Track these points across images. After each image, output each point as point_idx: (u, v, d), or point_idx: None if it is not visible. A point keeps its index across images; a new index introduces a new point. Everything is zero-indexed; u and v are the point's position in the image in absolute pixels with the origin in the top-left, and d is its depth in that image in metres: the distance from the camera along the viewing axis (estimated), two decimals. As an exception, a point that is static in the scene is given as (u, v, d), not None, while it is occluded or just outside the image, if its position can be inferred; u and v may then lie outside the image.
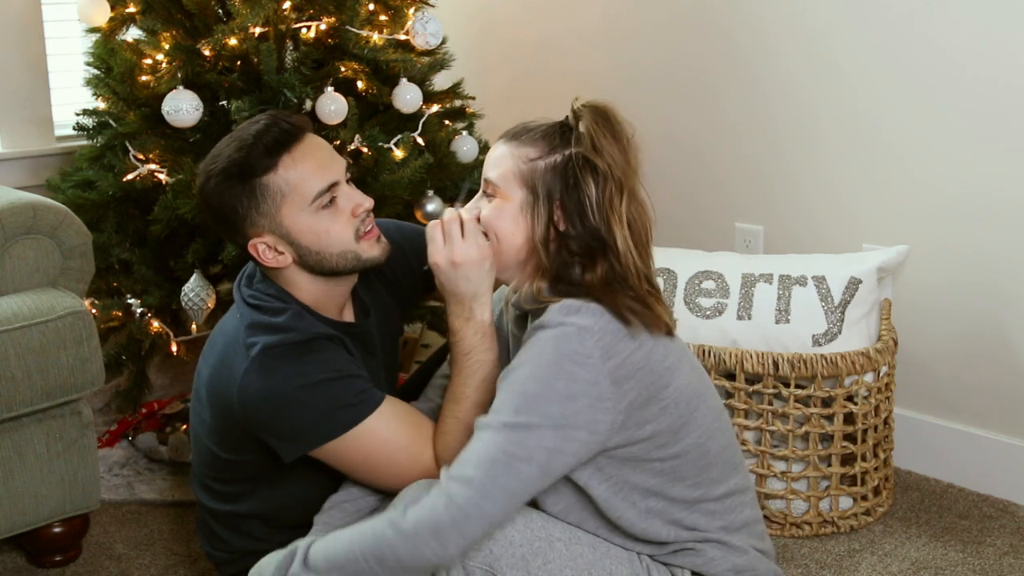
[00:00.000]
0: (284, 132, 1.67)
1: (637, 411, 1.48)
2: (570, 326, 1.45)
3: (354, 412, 1.61)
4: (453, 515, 1.40)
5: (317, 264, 1.70)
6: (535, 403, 1.43)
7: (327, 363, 1.64)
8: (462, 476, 1.42)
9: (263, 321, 1.67)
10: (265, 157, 1.65)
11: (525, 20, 3.15)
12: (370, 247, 1.73)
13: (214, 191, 1.68)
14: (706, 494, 1.57)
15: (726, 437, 1.61)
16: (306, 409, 1.61)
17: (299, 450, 1.64)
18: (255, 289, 1.75)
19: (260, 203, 1.66)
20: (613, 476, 1.52)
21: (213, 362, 1.72)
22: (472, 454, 1.44)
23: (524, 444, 1.42)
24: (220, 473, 1.79)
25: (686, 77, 2.80)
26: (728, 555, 1.58)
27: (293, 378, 1.61)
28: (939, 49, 2.34)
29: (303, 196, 1.66)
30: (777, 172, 2.67)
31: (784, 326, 2.24)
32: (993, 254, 2.34)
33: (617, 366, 1.45)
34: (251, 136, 1.66)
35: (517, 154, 1.56)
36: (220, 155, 1.68)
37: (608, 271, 1.52)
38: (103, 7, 2.39)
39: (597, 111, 1.54)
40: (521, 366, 1.47)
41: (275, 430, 1.64)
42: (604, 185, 1.51)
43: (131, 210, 2.42)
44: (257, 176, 1.65)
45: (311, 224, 1.67)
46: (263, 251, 1.69)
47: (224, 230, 1.75)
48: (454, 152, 2.54)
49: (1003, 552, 2.17)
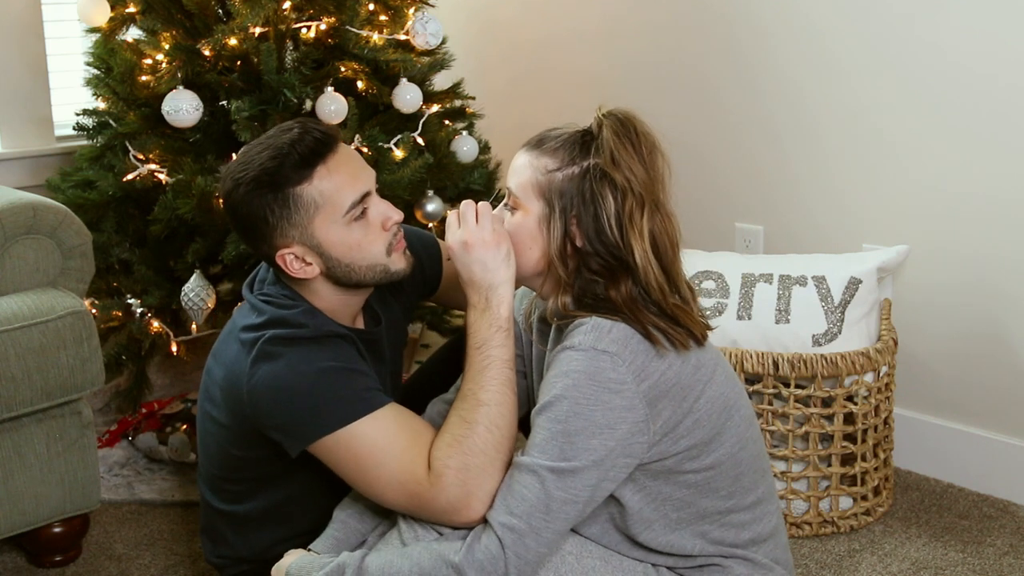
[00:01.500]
0: (319, 142, 1.63)
1: (671, 428, 1.47)
2: (602, 352, 1.43)
3: (354, 408, 1.58)
4: (513, 563, 1.42)
5: (345, 276, 1.68)
6: (577, 440, 1.42)
7: (335, 354, 1.62)
8: (514, 525, 1.42)
9: (276, 316, 1.65)
10: (301, 167, 1.61)
11: (525, 20, 3.15)
12: (399, 260, 1.71)
13: (243, 199, 1.64)
14: (737, 504, 1.55)
15: (757, 445, 1.59)
16: (309, 398, 1.58)
17: (302, 442, 1.61)
18: (266, 291, 1.73)
19: (292, 214, 1.62)
20: (647, 487, 1.51)
21: (225, 360, 1.69)
22: (520, 501, 1.43)
23: (570, 488, 1.43)
24: (232, 472, 1.78)
25: (686, 77, 2.80)
26: (754, 572, 1.57)
27: (297, 364, 1.59)
28: (939, 49, 2.34)
29: (337, 208, 1.63)
30: (777, 172, 2.67)
31: (784, 326, 2.24)
32: (993, 254, 2.34)
33: (651, 387, 1.44)
34: (286, 144, 1.62)
35: (537, 164, 1.52)
36: (251, 162, 1.64)
37: (631, 288, 1.48)
38: (103, 7, 2.39)
39: (619, 121, 1.50)
40: (557, 402, 1.43)
41: (279, 421, 1.62)
42: (623, 199, 1.46)
43: (131, 210, 2.42)
44: (291, 186, 1.61)
45: (343, 236, 1.64)
46: (291, 262, 1.66)
47: (250, 239, 1.71)
48: (454, 152, 2.54)
49: (1003, 552, 2.17)
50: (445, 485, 1.50)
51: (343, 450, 1.58)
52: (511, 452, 1.54)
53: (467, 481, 1.50)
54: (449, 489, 1.50)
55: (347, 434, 1.57)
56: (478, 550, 1.43)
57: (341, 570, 1.51)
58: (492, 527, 1.44)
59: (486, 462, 1.51)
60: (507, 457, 1.53)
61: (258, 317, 1.67)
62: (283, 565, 1.60)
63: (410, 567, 1.46)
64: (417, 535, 1.55)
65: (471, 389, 1.56)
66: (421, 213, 2.46)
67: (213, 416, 1.74)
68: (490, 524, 1.45)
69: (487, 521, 1.46)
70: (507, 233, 1.55)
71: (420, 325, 2.73)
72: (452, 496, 1.50)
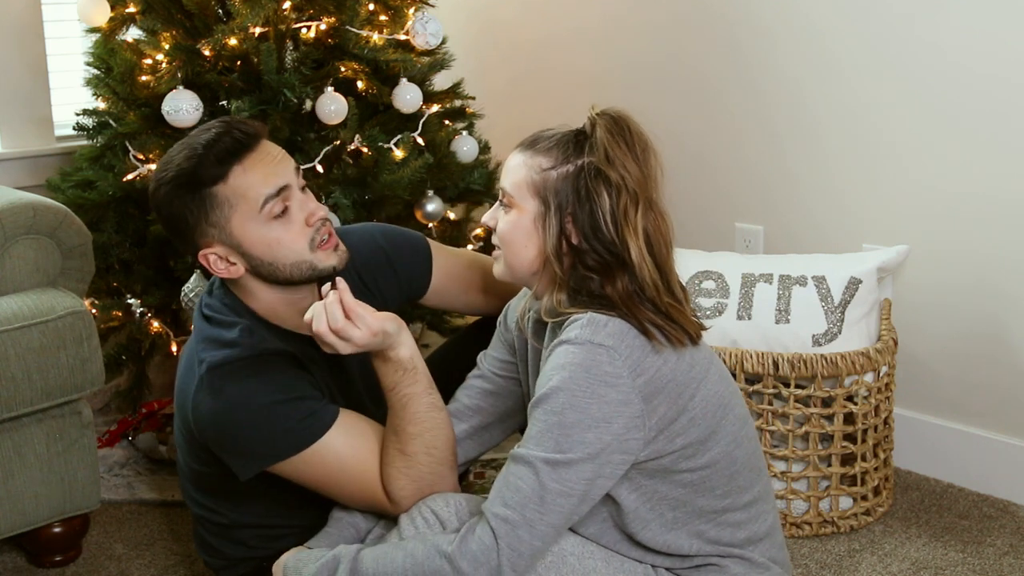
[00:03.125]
0: (236, 141, 1.61)
1: (667, 425, 1.47)
2: (598, 346, 1.43)
3: (302, 435, 1.59)
4: (506, 555, 1.42)
5: (270, 274, 1.66)
6: (572, 433, 1.42)
7: (274, 384, 1.61)
8: (508, 516, 1.43)
9: (212, 335, 1.66)
10: (215, 167, 1.60)
11: (525, 20, 3.15)
12: (327, 256, 1.67)
13: (164, 200, 1.64)
14: (733, 503, 1.56)
15: (752, 444, 1.60)
16: (254, 431, 1.59)
17: (252, 469, 1.63)
18: (214, 297, 1.72)
19: (209, 213, 1.62)
20: (643, 486, 1.51)
21: (178, 374, 1.71)
22: (515, 492, 1.44)
23: (564, 480, 1.43)
24: (196, 483, 1.79)
25: (686, 77, 2.80)
26: (751, 572, 1.57)
27: (240, 400, 1.59)
28: (939, 49, 2.34)
29: (252, 204, 1.61)
30: (777, 172, 2.67)
31: (784, 326, 2.24)
32: (993, 254, 2.34)
33: (646, 383, 1.44)
34: (201, 145, 1.61)
35: (531, 164, 1.53)
36: (171, 163, 1.64)
37: (627, 284, 1.48)
38: (103, 7, 2.40)
39: (612, 120, 1.51)
40: (554, 394, 1.44)
41: (227, 449, 1.63)
42: (617, 197, 1.47)
43: (131, 210, 2.43)
44: (206, 186, 1.61)
45: (262, 234, 1.63)
46: (214, 261, 1.66)
47: (175, 239, 1.71)
48: (454, 152, 2.54)
49: (1003, 552, 2.17)
50: (406, 506, 1.60)
51: (306, 469, 1.62)
52: (455, 454, 1.64)
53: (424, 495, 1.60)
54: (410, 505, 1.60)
55: (305, 456, 1.60)
56: (471, 541, 1.43)
57: (336, 562, 1.52)
58: (486, 518, 1.44)
59: (435, 478, 1.60)
60: (453, 464, 1.64)
61: (200, 334, 1.68)
62: (282, 562, 1.61)
63: (403, 557, 1.47)
64: (419, 532, 1.56)
65: (399, 426, 1.61)
66: (421, 213, 2.46)
67: (177, 425, 1.76)
68: (484, 515, 1.45)
69: (482, 512, 1.47)
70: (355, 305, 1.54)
71: (420, 325, 2.73)
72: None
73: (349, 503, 1.67)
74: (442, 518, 1.56)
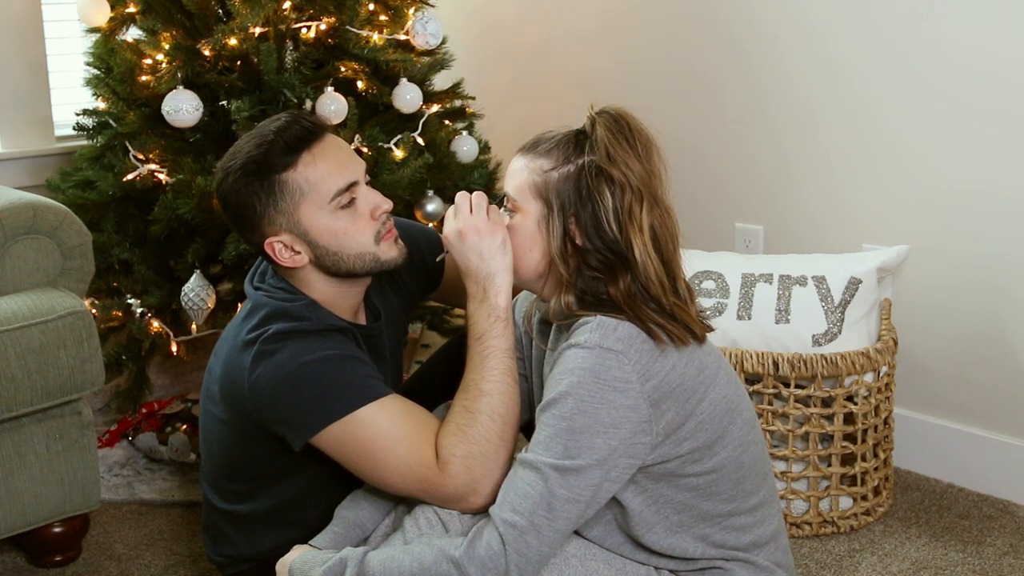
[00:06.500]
0: (304, 130, 1.65)
1: (674, 430, 1.46)
2: (608, 350, 1.42)
3: (359, 394, 1.59)
4: (514, 560, 1.42)
5: (334, 265, 1.69)
6: (581, 438, 1.42)
7: (336, 344, 1.63)
8: (516, 522, 1.42)
9: (278, 308, 1.67)
10: (285, 154, 1.64)
11: (525, 20, 3.15)
12: (388, 248, 1.71)
13: (232, 188, 1.67)
14: (739, 507, 1.55)
15: (759, 448, 1.59)
16: (314, 385, 1.59)
17: (307, 433, 1.61)
18: (267, 284, 1.74)
19: (279, 200, 1.65)
20: (649, 489, 1.51)
21: (224, 357, 1.70)
22: (523, 498, 1.43)
23: (572, 486, 1.42)
24: (234, 472, 1.78)
25: (686, 77, 2.80)
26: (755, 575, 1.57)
27: (299, 354, 1.60)
28: (940, 49, 2.34)
29: (322, 195, 1.65)
30: (777, 172, 2.67)
31: (784, 326, 2.24)
32: (993, 254, 2.34)
33: (655, 387, 1.44)
34: (271, 133, 1.65)
35: (532, 166, 1.52)
36: (239, 152, 1.67)
37: (630, 284, 1.47)
38: (103, 7, 2.40)
39: (612, 118, 1.50)
40: (562, 399, 1.43)
41: (283, 414, 1.62)
42: (621, 195, 1.46)
43: (131, 210, 2.42)
44: (276, 173, 1.64)
45: (330, 224, 1.66)
46: (279, 250, 1.68)
47: (241, 228, 1.73)
48: (454, 152, 2.54)
49: (1003, 552, 2.17)
50: (452, 472, 1.54)
51: (350, 438, 1.59)
52: (514, 439, 1.57)
53: (472, 468, 1.54)
54: (456, 476, 1.54)
55: (354, 421, 1.58)
56: (479, 546, 1.43)
57: (343, 564, 1.51)
58: (494, 523, 1.44)
59: (490, 450, 1.55)
60: (511, 444, 1.57)
61: (260, 311, 1.68)
62: (287, 561, 1.61)
63: (411, 561, 1.47)
64: (422, 534, 1.55)
65: (473, 379, 1.59)
66: (421, 213, 2.46)
67: (215, 414, 1.75)
68: (492, 520, 1.45)
69: (489, 516, 1.46)
70: (503, 222, 1.56)
71: (420, 325, 2.73)
72: (459, 483, 1.54)
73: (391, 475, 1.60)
74: (444, 520, 1.56)
